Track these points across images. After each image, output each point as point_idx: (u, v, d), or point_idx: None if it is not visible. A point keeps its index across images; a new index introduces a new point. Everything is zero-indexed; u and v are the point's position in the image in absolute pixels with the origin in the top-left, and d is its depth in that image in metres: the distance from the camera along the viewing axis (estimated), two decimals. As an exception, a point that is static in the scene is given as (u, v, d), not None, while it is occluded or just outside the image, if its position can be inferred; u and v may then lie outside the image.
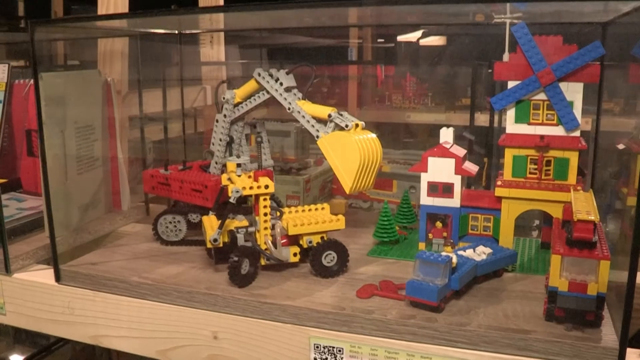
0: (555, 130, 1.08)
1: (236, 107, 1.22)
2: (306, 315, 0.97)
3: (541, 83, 1.06)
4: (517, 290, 1.02)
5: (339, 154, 1.04)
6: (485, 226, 1.19)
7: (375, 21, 1.90)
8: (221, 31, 1.85)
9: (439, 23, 1.94)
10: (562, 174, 1.09)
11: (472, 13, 1.52)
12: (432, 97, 2.83)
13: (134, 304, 1.09)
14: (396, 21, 1.83)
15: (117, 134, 1.49)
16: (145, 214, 1.59)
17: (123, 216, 1.52)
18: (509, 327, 0.89)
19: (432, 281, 0.93)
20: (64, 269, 1.15)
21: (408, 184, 1.64)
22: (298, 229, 1.08)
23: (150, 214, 1.59)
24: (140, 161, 1.63)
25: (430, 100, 2.83)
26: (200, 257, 1.20)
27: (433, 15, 1.54)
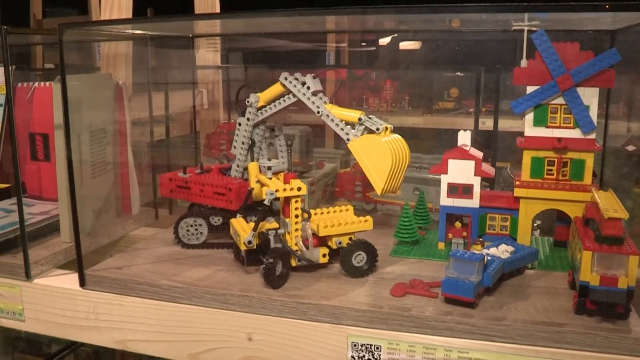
0: (572, 133, 1.13)
1: (259, 110, 1.24)
2: (344, 314, 0.99)
3: (560, 88, 1.11)
4: (541, 286, 1.07)
5: (370, 156, 1.07)
6: (503, 225, 1.23)
7: (352, 27, 1.94)
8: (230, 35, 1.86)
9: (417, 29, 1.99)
10: (579, 174, 1.14)
11: (449, 19, 1.57)
12: (409, 101, 2.88)
13: (165, 307, 1.09)
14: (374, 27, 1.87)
15: (128, 137, 1.49)
16: (154, 218, 1.59)
17: (134, 220, 1.51)
18: (543, 321, 0.93)
19: (467, 278, 0.97)
20: (88, 274, 1.15)
21: (412, 186, 1.68)
22: (329, 230, 1.10)
23: (160, 218, 1.59)
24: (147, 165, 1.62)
25: (407, 103, 2.88)
26: (225, 260, 1.21)
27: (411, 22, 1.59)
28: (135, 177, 1.52)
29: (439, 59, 2.47)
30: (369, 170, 1.07)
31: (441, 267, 1.17)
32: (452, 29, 1.74)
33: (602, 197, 1.00)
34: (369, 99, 2.85)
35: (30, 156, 1.54)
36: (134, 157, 1.66)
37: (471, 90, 2.83)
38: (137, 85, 1.71)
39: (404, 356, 0.97)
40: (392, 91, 2.86)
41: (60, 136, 1.27)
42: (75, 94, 1.28)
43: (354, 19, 1.41)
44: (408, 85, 2.84)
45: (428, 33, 2.05)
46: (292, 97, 1.19)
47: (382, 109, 2.86)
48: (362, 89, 2.84)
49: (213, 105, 2.19)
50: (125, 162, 1.50)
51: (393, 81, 2.80)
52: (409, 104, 2.90)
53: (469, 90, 2.84)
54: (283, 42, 2.20)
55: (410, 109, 2.86)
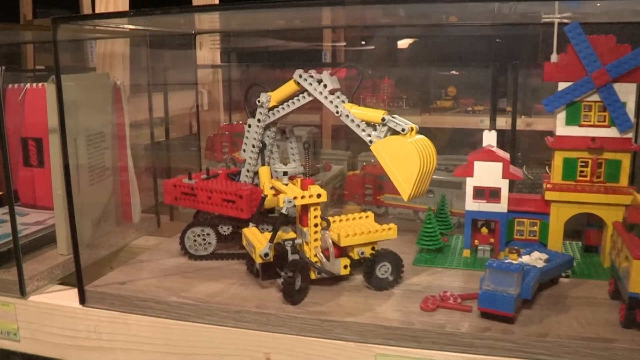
0: (607, 131, 1.06)
1: (270, 111, 1.16)
2: (372, 332, 0.91)
3: (595, 84, 1.04)
4: (579, 296, 1.00)
5: (396, 159, 0.99)
6: (531, 231, 1.16)
7: (350, 23, 1.88)
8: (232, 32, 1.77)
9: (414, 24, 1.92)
10: (614, 176, 1.07)
11: (445, 15, 1.51)
12: (406, 100, 2.81)
13: (174, 326, 1.00)
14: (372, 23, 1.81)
15: (127, 141, 1.40)
16: (156, 226, 1.50)
17: (135, 229, 1.43)
18: (589, 336, 0.86)
19: (505, 291, 0.89)
20: (89, 290, 1.06)
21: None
22: (350, 239, 1.02)
23: (162, 226, 1.51)
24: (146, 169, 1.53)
25: (405, 102, 2.81)
26: (237, 273, 1.13)
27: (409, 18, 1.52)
28: (135, 183, 1.43)
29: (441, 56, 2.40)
30: (395, 175, 1.00)
31: (469, 276, 1.10)
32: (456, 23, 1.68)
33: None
34: (366, 99, 2.79)
35: (23, 162, 1.44)
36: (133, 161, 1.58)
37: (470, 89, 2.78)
38: (133, 86, 1.63)
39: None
40: (389, 90, 2.80)
41: (55, 140, 1.18)
42: (71, 95, 1.19)
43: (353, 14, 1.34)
44: (406, 84, 2.77)
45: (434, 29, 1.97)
46: (307, 97, 1.11)
47: (380, 108, 2.80)
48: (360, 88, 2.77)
49: (213, 106, 2.11)
50: (124, 167, 1.41)
51: (390, 80, 2.74)
52: (406, 103, 2.84)
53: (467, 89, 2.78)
54: (279, 41, 2.12)
55: (408, 108, 2.79)
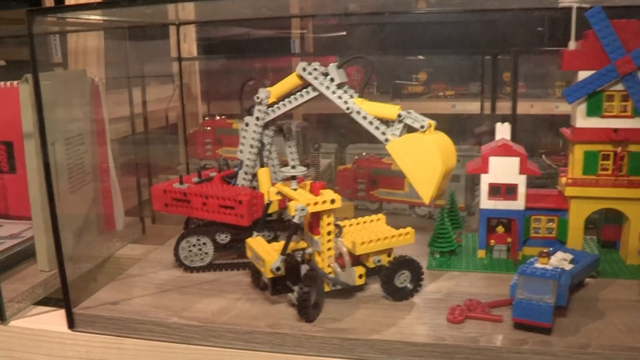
0: (630, 122, 1.01)
1: (270, 108, 1.06)
2: (399, 349, 0.84)
3: (619, 72, 0.97)
4: (610, 299, 0.94)
5: (415, 159, 0.91)
6: (549, 228, 1.10)
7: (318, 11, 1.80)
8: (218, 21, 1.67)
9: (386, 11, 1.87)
10: (638, 169, 1.02)
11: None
12: (377, 86, 2.75)
13: (176, 350, 0.91)
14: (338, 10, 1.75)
15: (108, 143, 1.29)
16: (141, 232, 1.39)
17: (119, 237, 1.32)
18: (633, 346, 0.80)
19: (541, 299, 0.83)
20: (79, 313, 0.95)
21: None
22: (367, 247, 0.94)
23: (147, 234, 1.40)
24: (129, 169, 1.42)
25: (375, 89, 2.75)
26: (240, 286, 1.04)
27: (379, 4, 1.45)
28: (118, 188, 1.32)
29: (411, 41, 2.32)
30: (414, 176, 0.92)
31: (489, 280, 1.03)
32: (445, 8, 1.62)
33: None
34: None
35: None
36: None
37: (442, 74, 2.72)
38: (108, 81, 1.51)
39: (472, 395, 0.82)
40: (359, 77, 2.73)
41: (31, 145, 1.06)
42: (47, 95, 1.07)
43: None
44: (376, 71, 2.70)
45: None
46: (311, 92, 1.02)
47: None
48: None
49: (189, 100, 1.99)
50: (105, 171, 1.30)
51: (360, 67, 2.68)
52: (377, 89, 2.78)
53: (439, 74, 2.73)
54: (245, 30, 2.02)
55: (379, 94, 2.73)
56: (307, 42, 2.74)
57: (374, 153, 1.72)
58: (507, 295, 0.96)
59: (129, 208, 1.42)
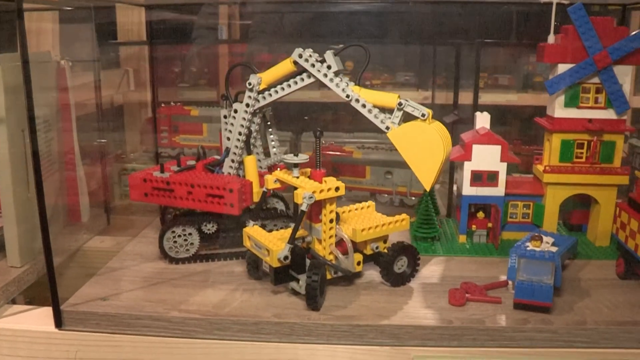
0: (603, 113, 1.08)
1: (260, 94, 1.04)
2: (409, 333, 0.86)
3: (597, 66, 1.04)
4: (591, 278, 1.01)
5: (417, 147, 0.93)
6: (525, 213, 1.16)
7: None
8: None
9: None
10: (609, 157, 1.09)
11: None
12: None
13: (178, 345, 0.88)
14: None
15: (74, 130, 1.21)
16: (106, 223, 1.33)
17: (86, 229, 1.25)
18: (623, 320, 0.87)
19: (541, 281, 0.87)
20: (67, 311, 0.90)
21: (383, 170, 1.56)
22: (366, 234, 0.95)
23: (112, 224, 1.33)
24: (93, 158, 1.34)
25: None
26: (232, 277, 1.02)
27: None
28: (84, 178, 1.25)
29: (340, 30, 2.33)
30: (416, 163, 0.93)
31: (476, 263, 1.08)
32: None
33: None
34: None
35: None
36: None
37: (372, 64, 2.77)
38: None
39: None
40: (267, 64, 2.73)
41: (2, 131, 0.98)
42: (13, 78, 0.99)
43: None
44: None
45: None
46: (306, 79, 1.00)
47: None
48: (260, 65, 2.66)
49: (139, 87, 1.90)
50: (71, 160, 1.22)
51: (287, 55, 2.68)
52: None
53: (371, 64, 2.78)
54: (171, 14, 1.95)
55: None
56: (233, 28, 2.69)
57: (333, 141, 1.73)
58: (496, 278, 1.00)
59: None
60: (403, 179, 1.48)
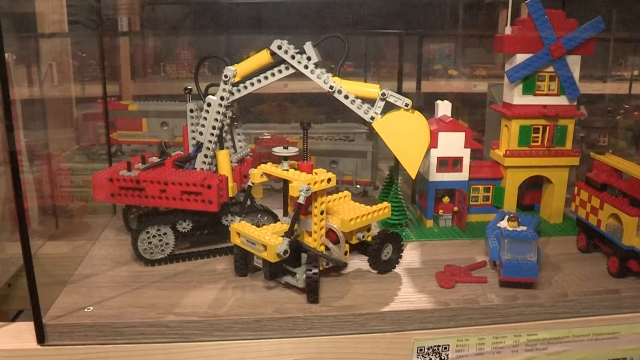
0: (557, 100, 1.15)
1: (235, 87, 1.01)
2: (409, 318, 0.88)
3: (553, 56, 1.11)
4: (557, 254, 1.08)
5: (403, 136, 0.95)
6: (485, 196, 1.22)
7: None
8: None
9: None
10: (562, 140, 1.17)
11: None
12: (209, 67, 2.75)
13: (174, 350, 0.84)
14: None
15: (20, 128, 1.11)
16: (55, 227, 1.23)
17: (37, 236, 1.15)
18: (598, 290, 0.94)
19: (525, 259, 0.93)
20: (50, 324, 0.83)
21: (328, 160, 1.58)
22: (354, 223, 0.96)
23: (60, 228, 1.24)
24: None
25: (207, 69, 2.75)
26: (217, 275, 0.98)
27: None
28: (32, 180, 1.15)
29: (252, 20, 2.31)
30: (401, 152, 0.95)
31: (450, 246, 1.12)
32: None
33: (614, 161, 1.04)
34: (166, 65, 2.65)
35: None
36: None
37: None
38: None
39: (473, 350, 0.90)
40: (189, 57, 2.70)
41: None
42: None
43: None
44: (208, 50, 2.69)
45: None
46: (284, 70, 0.99)
47: (182, 75, 2.69)
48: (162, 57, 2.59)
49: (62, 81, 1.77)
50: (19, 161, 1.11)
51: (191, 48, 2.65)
52: (208, 69, 2.77)
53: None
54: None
55: (210, 74, 2.73)
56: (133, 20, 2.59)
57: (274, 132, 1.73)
58: (472, 259, 1.05)
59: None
60: (348, 168, 1.51)
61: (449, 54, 2.54)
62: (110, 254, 1.06)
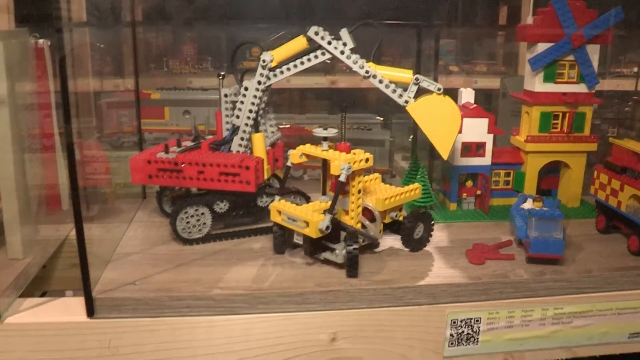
0: (576, 87, 1.20)
1: (272, 72, 1.04)
2: (444, 292, 0.91)
3: (573, 45, 1.15)
4: (577, 234, 1.12)
5: (436, 119, 0.99)
6: (506, 180, 1.26)
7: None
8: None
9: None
10: (580, 127, 1.22)
11: None
12: (211, 62, 2.78)
13: (219, 323, 0.87)
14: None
15: (54, 114, 1.13)
16: (86, 212, 1.25)
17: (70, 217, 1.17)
18: (620, 266, 0.98)
19: (551, 236, 0.97)
20: (100, 298, 0.85)
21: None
22: (388, 203, 0.99)
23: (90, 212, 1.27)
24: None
25: (210, 64, 2.78)
26: (256, 253, 1.02)
27: None
28: (63, 163, 1.17)
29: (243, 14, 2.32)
30: (434, 134, 0.99)
31: (475, 227, 1.16)
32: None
33: (634, 146, 1.08)
34: (169, 61, 2.68)
35: None
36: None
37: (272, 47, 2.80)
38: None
39: (503, 323, 0.94)
40: (192, 52, 2.73)
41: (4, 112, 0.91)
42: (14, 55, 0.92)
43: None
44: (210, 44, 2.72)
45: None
46: (320, 56, 1.02)
47: (185, 70, 2.71)
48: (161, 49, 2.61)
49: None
50: (52, 145, 1.14)
51: (193, 43, 2.68)
52: (211, 65, 2.80)
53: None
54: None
55: (213, 69, 2.76)
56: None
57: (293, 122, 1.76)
58: (497, 238, 1.09)
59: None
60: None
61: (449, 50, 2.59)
62: (147, 235, 1.09)
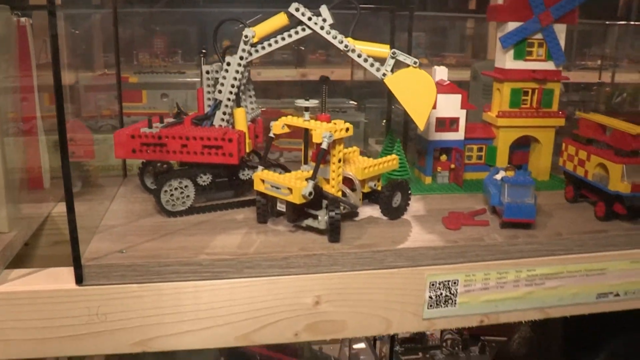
0: (544, 65, 1.25)
1: (253, 47, 1.07)
2: (423, 254, 0.95)
3: (541, 24, 1.21)
4: (547, 204, 1.17)
5: (412, 91, 1.02)
6: (478, 155, 1.31)
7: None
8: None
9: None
10: (549, 102, 1.27)
11: None
12: (181, 55, 2.80)
13: (205, 287, 0.90)
14: None
15: (36, 93, 1.14)
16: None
17: (52, 196, 1.18)
18: (587, 230, 1.04)
19: (524, 201, 1.02)
20: (88, 265, 0.87)
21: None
22: (368, 172, 1.03)
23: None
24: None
25: (180, 57, 2.81)
26: (239, 223, 1.04)
27: None
28: (45, 143, 1.18)
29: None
30: (411, 106, 1.03)
31: (450, 199, 1.20)
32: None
33: (599, 119, 1.14)
34: (139, 54, 2.69)
35: None
36: None
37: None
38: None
39: (480, 285, 0.98)
40: (162, 45, 2.76)
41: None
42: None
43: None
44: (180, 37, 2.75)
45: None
46: (300, 32, 1.05)
47: (155, 64, 2.73)
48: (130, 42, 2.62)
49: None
50: (33, 123, 1.15)
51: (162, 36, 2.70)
52: (182, 58, 2.82)
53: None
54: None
55: (184, 62, 2.78)
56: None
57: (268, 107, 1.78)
58: (471, 208, 1.14)
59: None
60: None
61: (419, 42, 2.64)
62: (131, 209, 1.11)
